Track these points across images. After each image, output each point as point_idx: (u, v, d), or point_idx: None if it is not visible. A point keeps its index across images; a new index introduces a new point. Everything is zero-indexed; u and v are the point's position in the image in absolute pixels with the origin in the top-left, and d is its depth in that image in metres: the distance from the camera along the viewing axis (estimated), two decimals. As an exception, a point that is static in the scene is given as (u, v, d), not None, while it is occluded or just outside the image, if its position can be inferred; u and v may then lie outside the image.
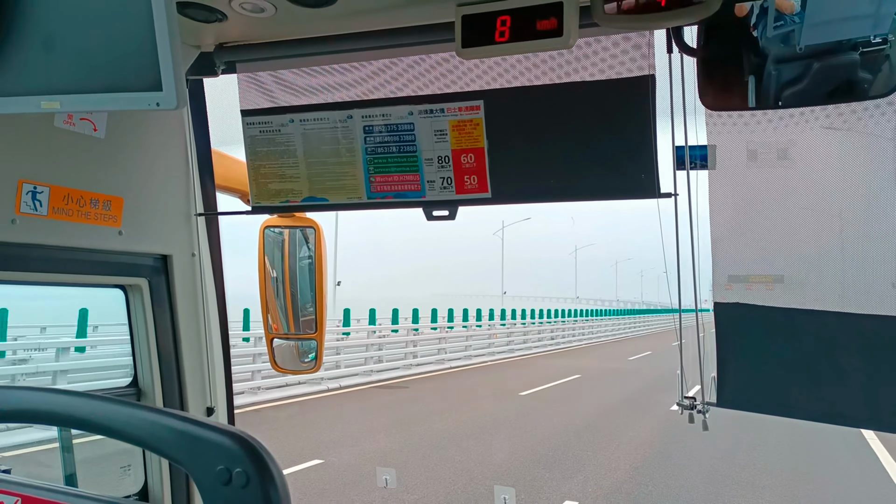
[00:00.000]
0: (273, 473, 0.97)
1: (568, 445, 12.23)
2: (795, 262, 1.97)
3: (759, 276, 2.00)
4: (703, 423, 2.05)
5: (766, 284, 1.99)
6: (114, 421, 1.06)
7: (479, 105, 2.12)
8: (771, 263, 1.98)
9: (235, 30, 2.05)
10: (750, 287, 2.01)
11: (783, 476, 10.37)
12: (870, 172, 1.83)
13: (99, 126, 2.10)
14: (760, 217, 1.97)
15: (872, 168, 1.82)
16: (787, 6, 1.68)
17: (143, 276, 2.33)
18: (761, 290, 1.99)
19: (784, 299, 1.96)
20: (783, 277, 1.97)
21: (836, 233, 1.92)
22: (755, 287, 2.00)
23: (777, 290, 1.98)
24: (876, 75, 1.66)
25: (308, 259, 2.96)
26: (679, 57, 1.83)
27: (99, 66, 1.27)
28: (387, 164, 2.25)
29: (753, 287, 2.00)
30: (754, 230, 1.98)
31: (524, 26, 1.68)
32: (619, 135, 2.01)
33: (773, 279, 1.99)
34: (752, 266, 2.00)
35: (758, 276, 2.01)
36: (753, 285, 2.01)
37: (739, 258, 2.00)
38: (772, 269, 1.98)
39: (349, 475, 9.64)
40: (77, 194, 2.04)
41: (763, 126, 1.90)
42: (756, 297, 1.99)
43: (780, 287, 1.97)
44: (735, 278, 2.03)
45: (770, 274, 1.99)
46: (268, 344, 3.02)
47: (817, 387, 1.97)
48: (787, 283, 1.97)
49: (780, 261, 1.97)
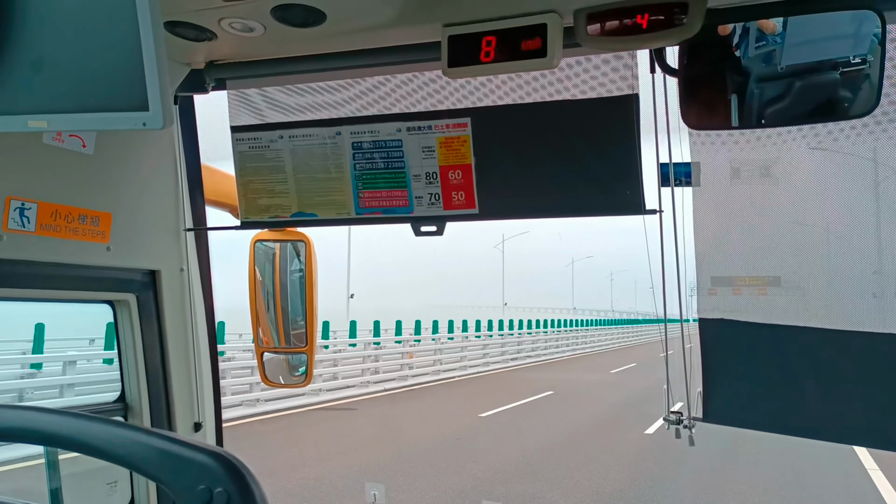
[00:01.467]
0: (254, 493, 0.97)
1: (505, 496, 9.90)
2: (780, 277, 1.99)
3: (747, 279, 2.00)
4: (690, 439, 2.06)
5: (759, 288, 1.98)
6: (95, 439, 1.06)
7: (466, 122, 2.14)
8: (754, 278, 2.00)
9: (225, 48, 2.07)
10: (738, 291, 2.01)
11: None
12: (850, 190, 1.85)
13: (88, 142, 2.10)
14: (743, 233, 1.99)
15: (852, 186, 1.85)
16: (769, 26, 1.71)
17: (131, 291, 2.33)
18: (751, 295, 1.98)
19: (775, 306, 1.96)
20: (780, 280, 1.97)
21: (818, 249, 1.94)
22: (744, 291, 1.99)
23: (771, 294, 1.97)
24: (856, 94, 1.68)
25: (299, 273, 2.96)
26: (662, 76, 1.86)
27: (86, 85, 1.29)
28: (375, 180, 2.26)
29: (742, 291, 2.00)
30: (737, 246, 2.00)
31: (509, 47, 1.71)
32: (605, 152, 2.04)
33: (765, 282, 1.98)
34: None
35: (745, 279, 2.00)
36: (742, 289, 2.00)
37: (723, 273, 2.02)
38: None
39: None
40: (65, 210, 2.05)
41: (745, 144, 1.93)
42: (744, 304, 1.99)
43: (775, 291, 1.96)
44: (719, 280, 2.02)
45: (760, 275, 1.98)
46: (258, 358, 3.01)
47: (803, 403, 1.99)
48: (783, 288, 1.96)
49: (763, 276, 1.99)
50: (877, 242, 1.83)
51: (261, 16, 1.78)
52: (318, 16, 1.78)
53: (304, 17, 1.79)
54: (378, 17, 1.82)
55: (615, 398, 21.71)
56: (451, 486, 10.41)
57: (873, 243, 1.83)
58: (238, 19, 1.81)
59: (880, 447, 1.94)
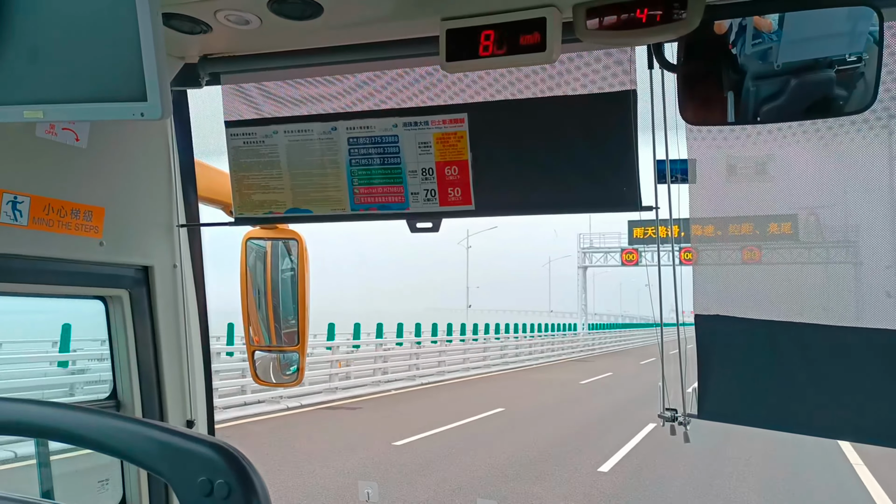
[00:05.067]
0: (255, 485, 0.96)
1: None
2: (773, 274, 2.00)
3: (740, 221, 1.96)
4: (685, 435, 2.06)
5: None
6: (93, 432, 1.05)
7: (463, 118, 2.14)
8: (749, 274, 2.01)
9: (220, 41, 2.05)
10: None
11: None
12: (845, 185, 1.87)
13: (81, 136, 2.08)
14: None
15: (849, 180, 1.86)
16: (765, 25, 1.72)
17: (123, 287, 2.31)
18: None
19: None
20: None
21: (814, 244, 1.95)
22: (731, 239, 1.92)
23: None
24: (851, 92, 1.69)
25: (291, 271, 2.95)
26: (660, 72, 1.87)
27: (83, 76, 1.27)
28: (371, 175, 2.25)
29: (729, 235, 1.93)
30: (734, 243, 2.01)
31: (508, 41, 1.70)
32: (602, 148, 2.04)
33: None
34: (732, 279, 2.02)
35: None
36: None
37: (719, 270, 2.03)
38: (750, 282, 2.01)
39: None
40: (58, 204, 2.03)
41: (742, 140, 1.94)
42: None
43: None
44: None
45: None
46: (249, 356, 3.00)
47: (798, 399, 1.99)
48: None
49: (758, 271, 2.00)
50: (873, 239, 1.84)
51: (257, 8, 1.77)
52: (315, 8, 1.77)
53: (301, 10, 1.78)
54: (375, 11, 1.81)
55: (579, 415, 18.53)
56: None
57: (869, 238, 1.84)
58: (234, 11, 1.80)
59: (875, 443, 1.95)
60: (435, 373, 27.24)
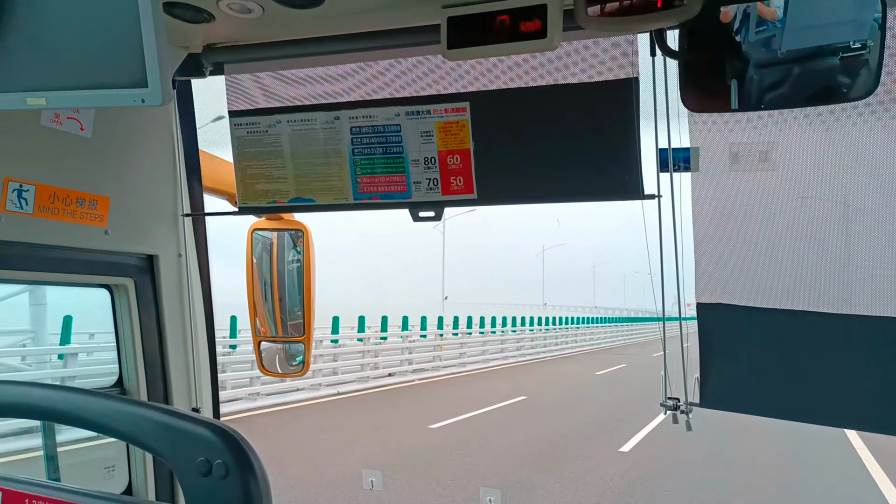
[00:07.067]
0: (253, 465, 0.97)
1: None
2: (778, 262, 1.99)
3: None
4: (687, 424, 2.07)
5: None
6: (95, 414, 1.06)
7: (465, 107, 2.14)
8: (753, 262, 2.00)
9: (223, 31, 2.06)
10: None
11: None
12: (849, 172, 1.86)
13: (86, 125, 2.10)
14: (743, 217, 1.99)
15: (852, 167, 1.85)
16: (769, 12, 1.71)
17: (128, 275, 2.32)
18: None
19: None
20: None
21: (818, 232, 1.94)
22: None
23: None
24: (855, 79, 1.68)
25: (296, 262, 2.96)
26: (662, 60, 1.86)
27: (85, 63, 1.28)
28: (373, 165, 2.26)
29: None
30: (737, 230, 2.00)
31: (509, 28, 1.70)
32: (604, 137, 2.03)
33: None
34: (736, 265, 2.02)
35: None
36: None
37: (722, 258, 2.03)
38: (753, 268, 2.00)
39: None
40: (63, 193, 2.04)
41: (745, 128, 1.93)
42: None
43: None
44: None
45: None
46: (255, 347, 3.02)
47: (800, 387, 1.99)
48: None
49: (762, 260, 1.99)
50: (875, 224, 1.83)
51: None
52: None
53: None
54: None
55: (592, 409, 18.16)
56: None
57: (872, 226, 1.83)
58: (236, 0, 1.81)
59: (877, 431, 1.95)
60: (457, 364, 28.69)
